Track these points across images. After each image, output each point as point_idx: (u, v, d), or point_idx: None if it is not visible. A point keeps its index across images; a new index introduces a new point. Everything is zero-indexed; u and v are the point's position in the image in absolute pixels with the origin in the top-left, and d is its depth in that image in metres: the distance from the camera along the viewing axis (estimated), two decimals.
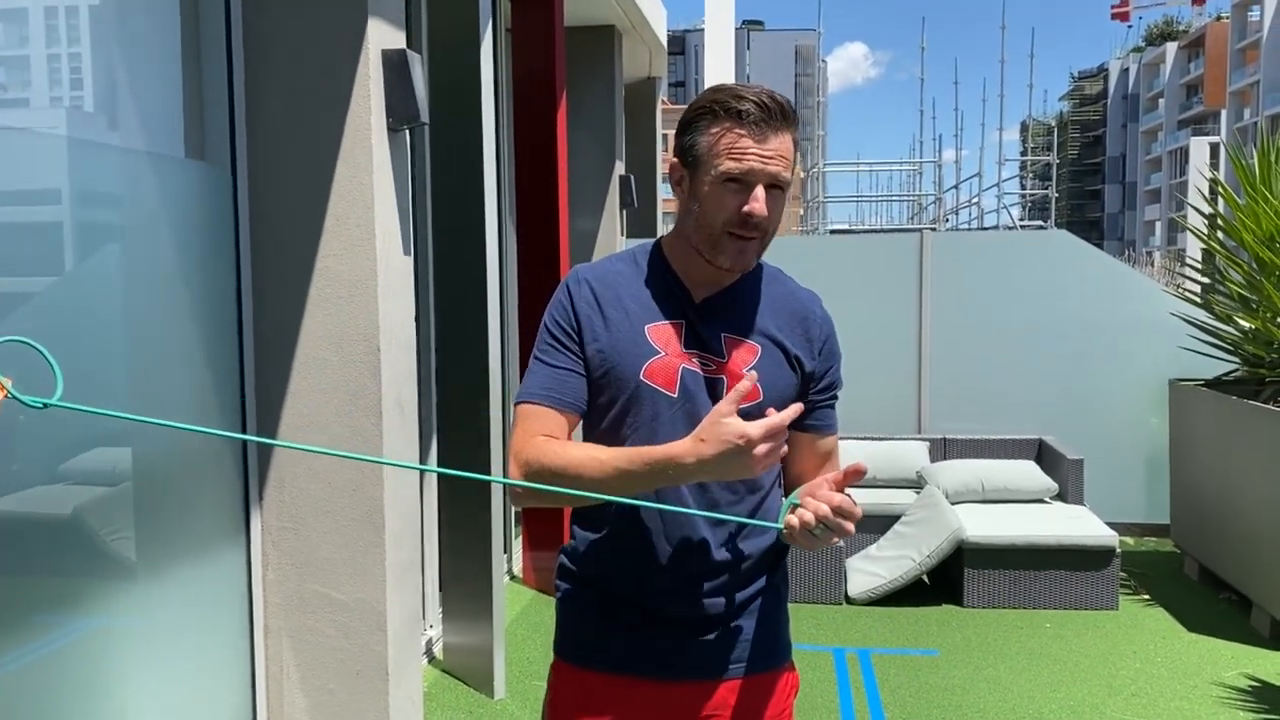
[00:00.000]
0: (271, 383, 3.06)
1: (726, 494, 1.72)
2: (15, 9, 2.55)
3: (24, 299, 2.40)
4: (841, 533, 1.51)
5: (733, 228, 1.65)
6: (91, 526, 2.61)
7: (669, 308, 1.73)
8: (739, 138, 1.61)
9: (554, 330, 1.75)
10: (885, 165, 27.59)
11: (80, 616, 2.54)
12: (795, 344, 1.76)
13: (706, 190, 1.65)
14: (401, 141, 3.15)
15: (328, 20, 2.94)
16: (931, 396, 6.71)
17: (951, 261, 6.66)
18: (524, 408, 1.71)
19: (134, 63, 2.79)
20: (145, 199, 2.76)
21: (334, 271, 3.00)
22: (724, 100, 1.63)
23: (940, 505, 5.45)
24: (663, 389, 1.69)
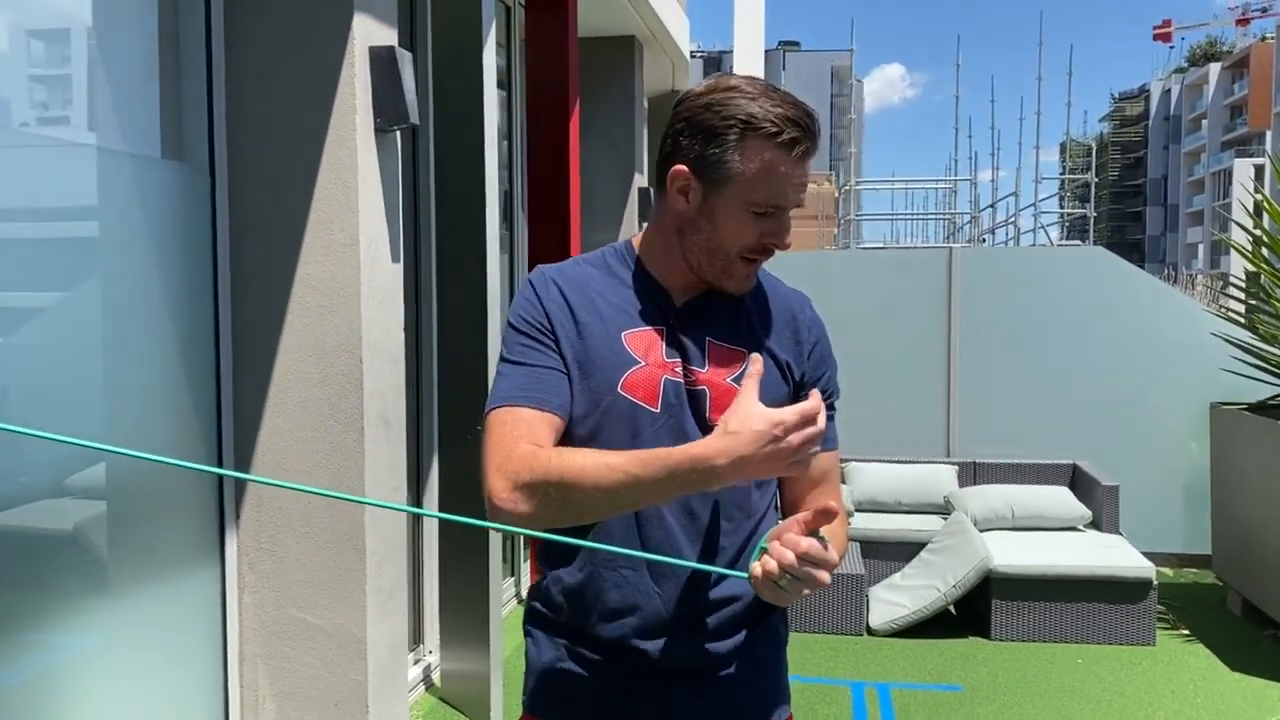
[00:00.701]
0: (249, 395, 2.90)
1: (716, 518, 1.51)
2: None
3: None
4: (813, 584, 1.29)
5: (749, 253, 1.50)
6: (52, 543, 2.46)
7: (648, 312, 1.54)
8: (780, 167, 1.44)
9: (523, 329, 1.54)
10: (919, 182, 27.19)
11: (40, 640, 2.39)
12: (784, 349, 1.59)
13: (729, 214, 1.48)
14: (391, 143, 3.00)
15: (312, 14, 2.80)
16: (961, 418, 6.47)
17: (982, 278, 6.43)
18: (499, 413, 1.47)
19: (109, 57, 2.66)
20: (120, 201, 2.62)
21: (315, 278, 2.85)
22: (762, 121, 1.43)
23: (968, 533, 5.20)
24: (643, 403, 1.49)
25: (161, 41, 2.76)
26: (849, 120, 32.17)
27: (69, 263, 2.53)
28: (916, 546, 5.48)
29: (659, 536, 1.49)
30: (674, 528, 1.50)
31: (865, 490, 6.03)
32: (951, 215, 23.63)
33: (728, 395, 1.50)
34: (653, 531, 1.49)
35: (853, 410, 6.50)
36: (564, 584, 1.56)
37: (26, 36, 2.52)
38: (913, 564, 5.38)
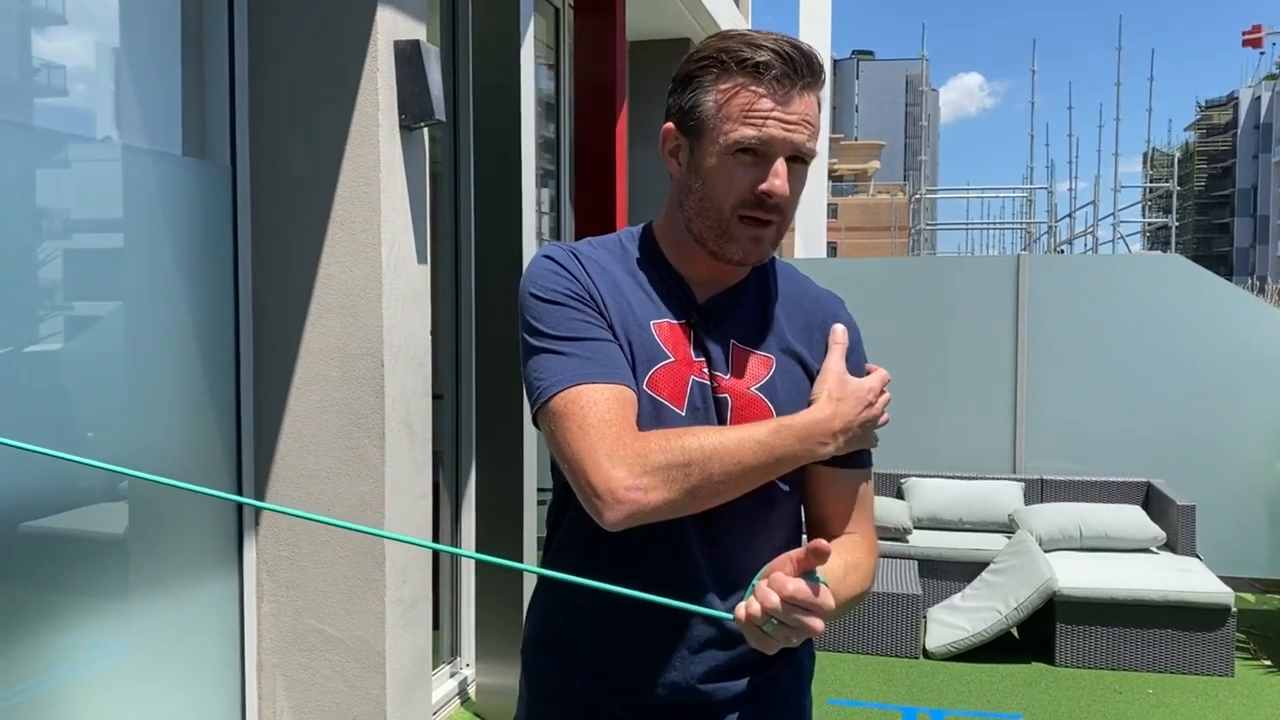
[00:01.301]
0: (270, 398, 2.83)
1: (739, 537, 1.36)
2: (8, 2, 2.40)
3: (11, 300, 2.22)
4: (805, 632, 1.12)
5: (746, 210, 1.30)
6: (71, 549, 2.40)
7: (670, 304, 1.37)
8: (756, 98, 1.27)
9: (561, 300, 1.32)
10: (992, 191, 26.55)
11: (59, 647, 2.33)
12: (814, 354, 1.42)
13: (713, 164, 1.31)
14: (417, 140, 2.92)
15: (334, 7, 2.73)
16: (1028, 433, 6.19)
17: (1052, 287, 6.15)
18: (572, 396, 1.25)
19: (131, 53, 2.62)
20: (140, 198, 2.57)
21: (336, 279, 2.77)
22: (735, 50, 1.28)
23: (1031, 553, 4.96)
24: (669, 403, 1.33)
25: (184, 37, 2.71)
26: (921, 128, 31.59)
27: (89, 260, 2.48)
28: (978, 566, 5.25)
29: (676, 551, 1.34)
30: (692, 542, 1.34)
31: (925, 507, 5.80)
32: (1026, 225, 23.01)
33: (751, 407, 1.36)
34: (669, 545, 1.34)
35: (913, 423, 6.30)
36: (561, 605, 1.43)
37: (47, 34, 2.49)
38: (973, 585, 5.15)
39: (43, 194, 2.36)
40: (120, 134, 2.59)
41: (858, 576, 1.35)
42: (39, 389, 2.31)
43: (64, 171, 2.42)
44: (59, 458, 1.07)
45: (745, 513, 1.36)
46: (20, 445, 0.97)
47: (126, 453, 2.53)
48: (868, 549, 1.42)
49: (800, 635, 1.12)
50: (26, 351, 2.29)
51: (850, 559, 1.36)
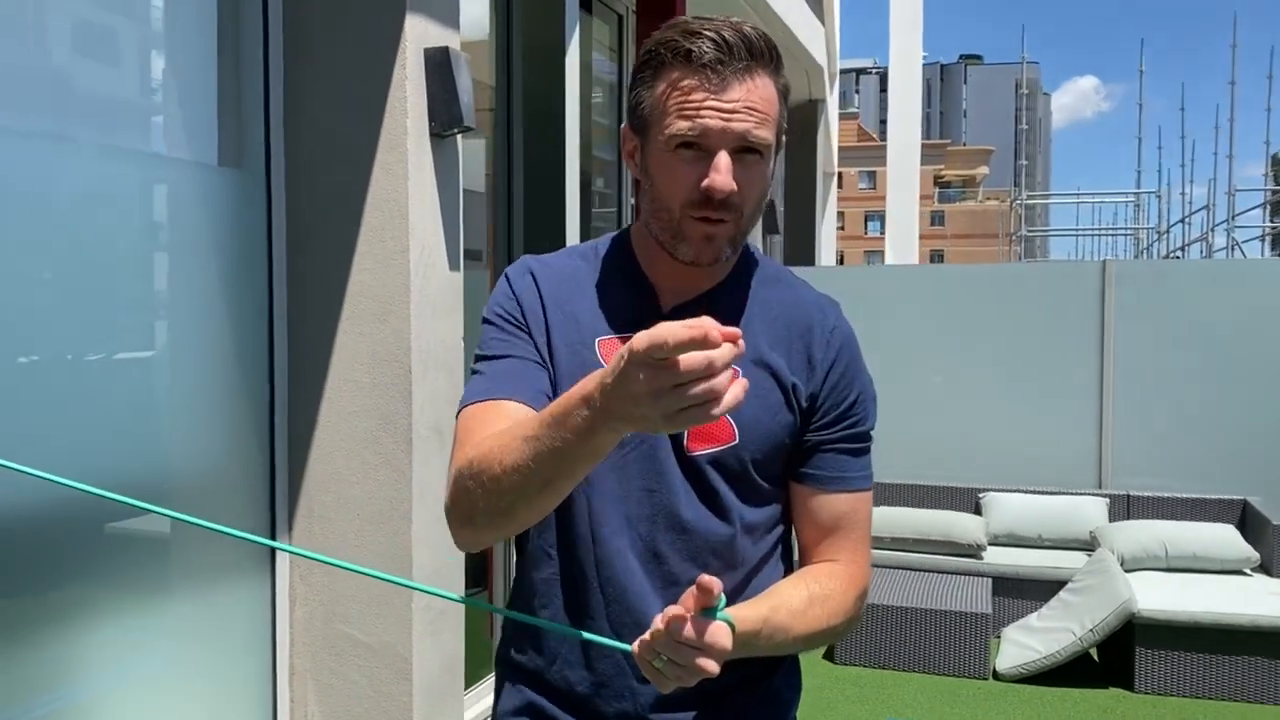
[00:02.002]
0: (303, 403, 2.86)
1: (690, 567, 1.28)
2: (49, 14, 2.47)
3: (50, 308, 2.29)
4: (695, 672, 1.04)
5: (694, 210, 1.23)
6: (103, 553, 2.46)
7: (630, 316, 1.31)
8: (690, 89, 1.20)
9: (497, 321, 1.34)
10: (1098, 196, 25.54)
11: (91, 650, 2.38)
12: (793, 366, 1.32)
13: (656, 161, 1.25)
14: (450, 147, 2.92)
15: (364, 17, 2.75)
16: (1115, 446, 5.92)
17: (1142, 293, 5.87)
18: (467, 414, 1.25)
19: (171, 65, 2.68)
20: (177, 207, 2.63)
21: (367, 286, 2.79)
22: (671, 40, 1.22)
23: (1110, 572, 4.72)
24: None
25: (221, 49, 2.76)
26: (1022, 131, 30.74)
27: (132, 269, 2.53)
28: (1056, 585, 5.03)
29: (620, 580, 1.29)
30: (637, 571, 1.29)
31: (1002, 522, 5.60)
32: (1136, 230, 22.11)
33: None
34: (613, 574, 1.29)
35: (993, 436, 6.09)
36: (531, 627, 1.38)
37: (87, 45, 2.56)
38: (1050, 604, 4.93)
39: (84, 205, 2.42)
40: (160, 146, 2.65)
41: (825, 610, 1.26)
42: (82, 394, 2.37)
43: (105, 182, 2.48)
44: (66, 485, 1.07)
45: (692, 533, 1.29)
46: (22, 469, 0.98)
47: (165, 457, 2.59)
48: (848, 580, 1.31)
49: (693, 675, 1.04)
50: (69, 358, 2.35)
51: (819, 590, 1.27)
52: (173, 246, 2.62)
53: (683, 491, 1.28)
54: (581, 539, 1.30)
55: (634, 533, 1.28)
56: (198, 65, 2.73)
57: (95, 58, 2.57)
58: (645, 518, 1.28)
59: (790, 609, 1.23)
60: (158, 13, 2.65)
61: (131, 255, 2.54)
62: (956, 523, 5.44)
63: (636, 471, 1.28)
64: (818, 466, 1.33)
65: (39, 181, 2.27)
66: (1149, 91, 22.35)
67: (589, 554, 1.30)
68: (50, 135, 2.34)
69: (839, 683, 4.55)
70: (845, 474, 1.33)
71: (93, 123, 2.55)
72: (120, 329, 2.50)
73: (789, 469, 1.35)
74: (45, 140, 2.31)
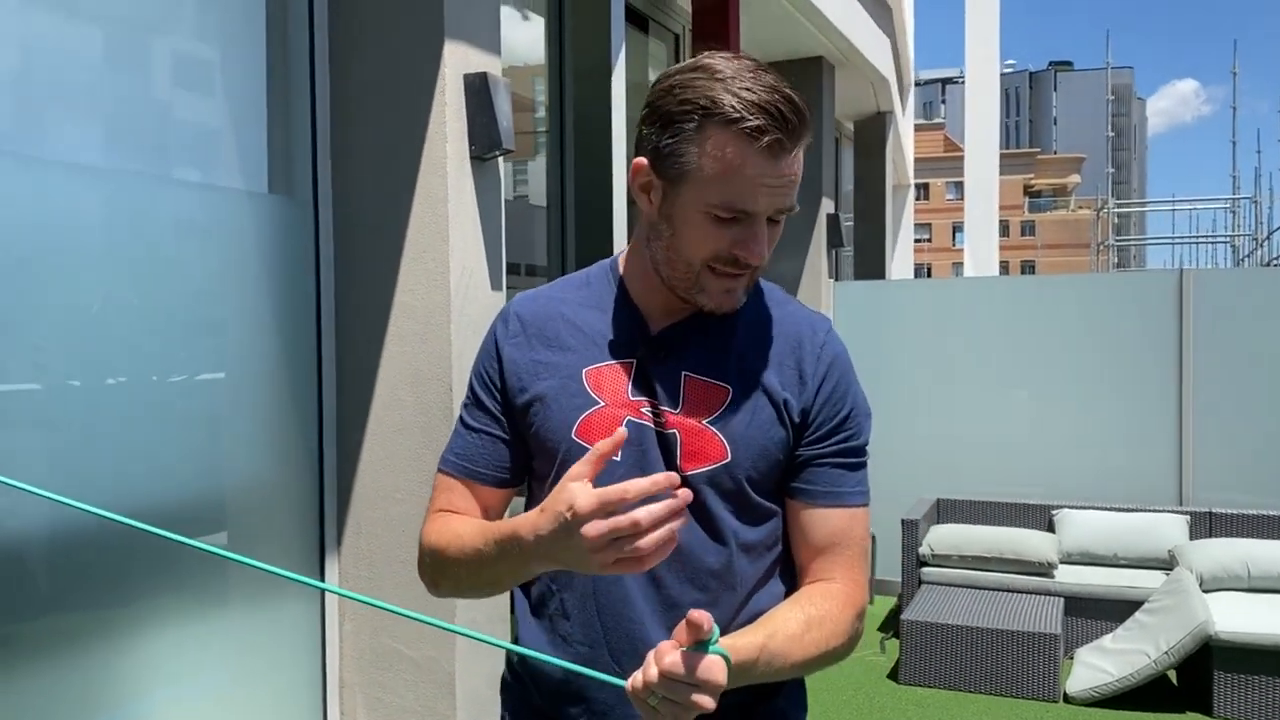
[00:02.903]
0: (350, 422, 2.94)
1: (688, 589, 1.29)
2: (101, 48, 2.60)
3: (109, 333, 2.40)
4: (692, 708, 1.04)
5: (719, 264, 1.26)
6: (158, 568, 2.56)
7: (618, 342, 1.34)
8: (743, 163, 1.19)
9: (474, 384, 1.43)
10: (1189, 203, 24.68)
11: (144, 662, 2.48)
12: (784, 382, 1.32)
13: (689, 217, 1.25)
14: (490, 170, 2.98)
15: (405, 45, 2.83)
16: (1197, 462, 5.71)
17: (1224, 303, 5.66)
18: (438, 477, 1.43)
19: (221, 94, 2.79)
20: (233, 235, 2.72)
21: (410, 307, 2.86)
22: (725, 103, 1.19)
23: (1187, 592, 4.56)
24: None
25: (270, 80, 2.86)
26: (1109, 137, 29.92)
27: (186, 292, 2.63)
28: (1131, 605, 4.88)
29: (617, 606, 1.30)
30: (635, 596, 1.30)
31: (1076, 540, 5.44)
32: (1231, 238, 21.33)
33: (702, 441, 1.29)
34: (610, 600, 1.30)
35: (1067, 452, 5.92)
36: (523, 636, 1.40)
37: (147, 82, 2.67)
38: (1125, 625, 4.78)
39: (142, 233, 2.53)
40: (215, 175, 2.76)
41: (823, 633, 1.25)
42: (138, 414, 2.47)
43: (161, 211, 2.59)
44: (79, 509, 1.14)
45: (688, 556, 1.29)
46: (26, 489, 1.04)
47: (219, 475, 2.68)
48: (844, 599, 1.30)
49: (688, 712, 1.04)
50: (126, 380, 2.46)
51: (815, 612, 1.26)
52: (228, 271, 2.72)
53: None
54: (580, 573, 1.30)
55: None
56: (249, 97, 2.84)
57: (156, 94, 2.68)
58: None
59: (787, 634, 1.22)
60: (210, 47, 2.76)
61: (189, 280, 2.64)
62: (1027, 540, 5.31)
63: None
64: (810, 481, 1.32)
65: (99, 212, 2.38)
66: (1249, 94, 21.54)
67: (586, 584, 1.31)
68: (114, 169, 2.45)
69: (902, 704, 4.47)
70: (839, 488, 1.33)
71: (154, 155, 2.66)
72: (176, 351, 2.60)
73: (783, 485, 1.35)
74: (108, 173, 2.43)
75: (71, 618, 2.31)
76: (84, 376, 2.34)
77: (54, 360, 2.28)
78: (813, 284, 6.23)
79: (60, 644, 2.27)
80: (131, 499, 2.43)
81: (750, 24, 5.37)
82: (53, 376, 2.28)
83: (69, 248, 2.30)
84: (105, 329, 2.38)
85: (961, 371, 6.16)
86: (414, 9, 2.81)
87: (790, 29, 5.79)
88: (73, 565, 2.31)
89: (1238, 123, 22.61)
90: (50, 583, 2.28)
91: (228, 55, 2.80)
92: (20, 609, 2.20)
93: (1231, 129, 22.21)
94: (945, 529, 5.57)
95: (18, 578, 2.21)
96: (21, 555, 2.22)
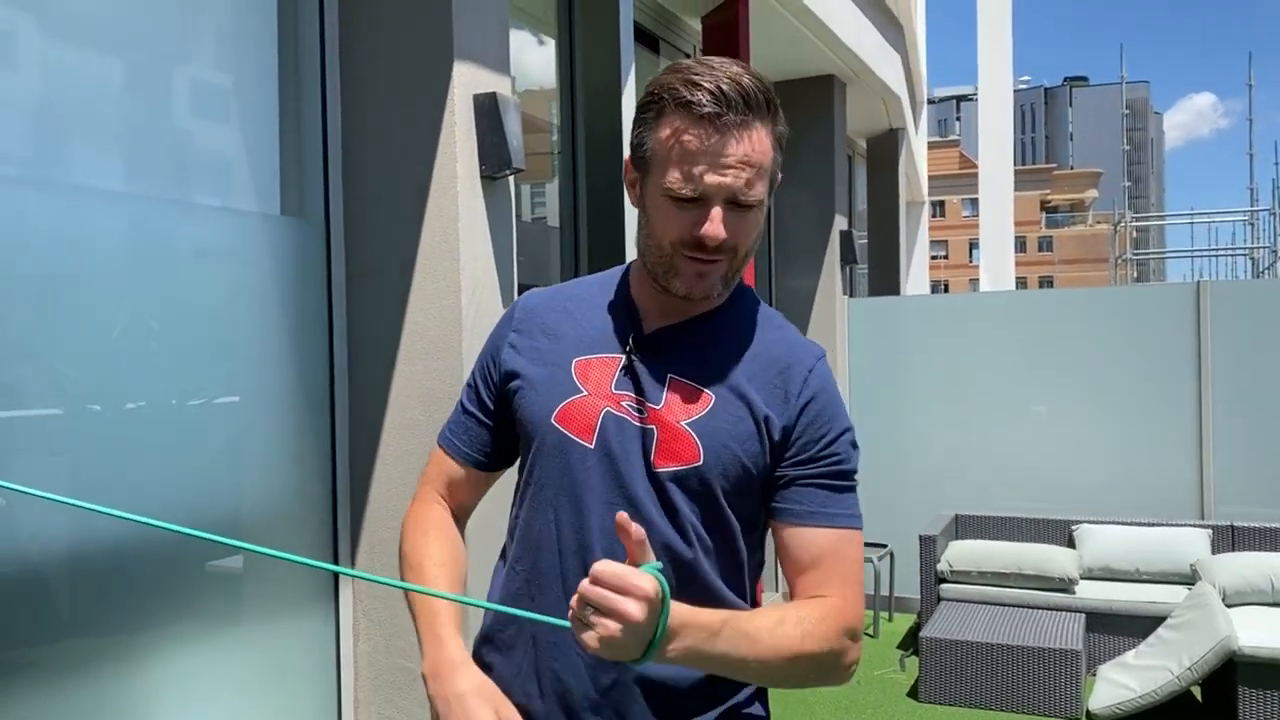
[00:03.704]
0: (363, 443, 2.95)
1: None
2: (118, 75, 2.63)
3: (123, 356, 2.42)
4: (619, 616, 1.04)
5: (686, 250, 1.28)
6: (170, 586, 2.57)
7: (612, 338, 1.39)
8: (690, 142, 1.24)
9: (475, 370, 1.51)
10: (1206, 216, 24.53)
11: (159, 686, 2.48)
12: (766, 399, 1.33)
13: (656, 201, 1.30)
14: (501, 189, 2.99)
15: (414, 65, 2.85)
16: (1218, 475, 5.66)
17: (1242, 315, 5.63)
18: (434, 449, 1.56)
19: (235, 118, 2.82)
20: (247, 257, 2.74)
21: (421, 326, 2.87)
22: (674, 87, 1.26)
23: (1211, 607, 4.50)
24: (576, 436, 1.34)
25: (282, 102, 2.89)
26: (1125, 151, 29.81)
27: (201, 314, 2.65)
28: (1154, 621, 4.83)
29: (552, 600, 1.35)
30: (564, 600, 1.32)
31: (1097, 555, 5.40)
32: (1250, 250, 21.19)
33: (677, 440, 1.31)
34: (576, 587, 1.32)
35: (1086, 466, 5.88)
36: (485, 634, 1.48)
37: (160, 108, 2.70)
38: (1148, 641, 4.72)
39: (158, 256, 2.55)
40: (228, 198, 2.78)
41: (799, 631, 1.23)
42: (155, 436, 2.49)
43: (177, 234, 2.61)
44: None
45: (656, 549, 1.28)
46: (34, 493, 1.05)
47: (232, 497, 2.69)
48: (832, 610, 1.28)
49: (616, 622, 1.04)
50: (143, 403, 2.48)
51: (794, 613, 1.25)
52: (242, 293, 2.74)
53: (646, 505, 1.31)
54: (547, 550, 1.35)
55: (596, 545, 1.31)
56: (261, 121, 2.86)
57: (171, 120, 2.71)
58: (607, 531, 1.30)
59: (759, 623, 1.22)
60: (224, 73, 2.79)
61: (204, 302, 2.66)
62: (1047, 556, 5.27)
63: (601, 484, 1.32)
64: (794, 500, 1.32)
65: (116, 236, 2.40)
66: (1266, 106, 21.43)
67: (554, 565, 1.35)
68: (130, 193, 2.48)
69: None
70: (825, 509, 1.33)
71: (169, 180, 2.69)
72: (191, 373, 2.61)
73: (767, 507, 1.36)
74: (124, 198, 2.45)
75: (86, 640, 2.32)
76: (100, 400, 2.36)
77: (72, 383, 2.30)
78: (827, 300, 6.22)
79: (74, 666, 2.28)
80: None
81: (760, 42, 5.39)
82: (71, 400, 2.30)
83: (87, 271, 2.32)
84: (122, 352, 2.40)
85: (979, 386, 6.13)
86: (424, 31, 2.83)
87: (801, 47, 5.81)
88: (87, 587, 2.32)
89: (1255, 135, 22.50)
90: (64, 605, 2.29)
91: (240, 80, 2.83)
92: (35, 631, 2.21)
93: (1249, 141, 22.10)
94: (964, 545, 5.53)
95: (32, 599, 2.22)
96: (36, 577, 2.23)
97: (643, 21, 4.87)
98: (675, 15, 5.16)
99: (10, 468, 2.16)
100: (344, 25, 2.96)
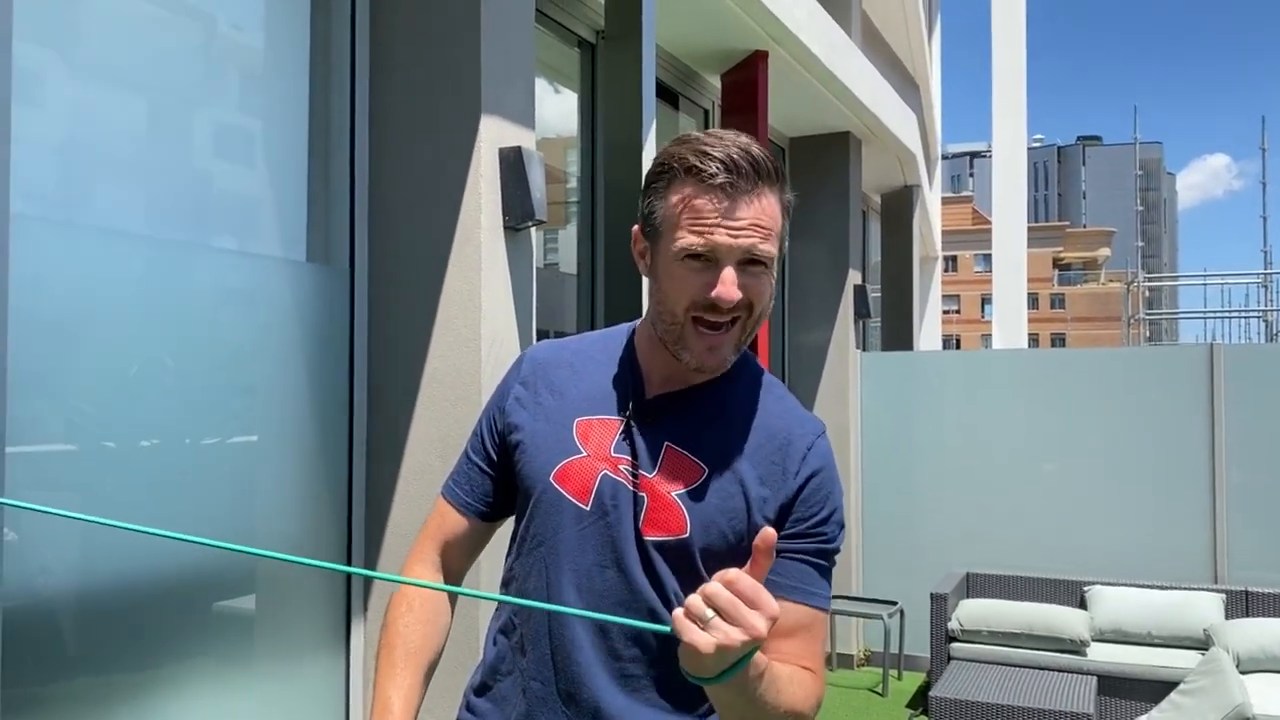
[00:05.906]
0: (380, 490, 2.97)
1: (629, 644, 1.34)
2: (145, 118, 2.70)
3: (144, 396, 2.45)
4: (747, 629, 1.04)
5: (698, 311, 1.30)
6: (183, 630, 2.58)
7: (615, 401, 1.40)
8: (702, 206, 1.27)
9: (481, 419, 1.52)
10: (1219, 277, 24.59)
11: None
12: (761, 476, 1.35)
13: (667, 267, 1.32)
14: (524, 240, 3.04)
15: (442, 119, 2.92)
16: (1231, 539, 5.63)
17: (1256, 378, 5.63)
18: (437, 498, 1.55)
19: (264, 165, 2.88)
20: (272, 303, 2.79)
21: (440, 374, 2.90)
22: (685, 157, 1.29)
23: (1224, 673, 4.45)
24: (573, 497, 1.35)
25: (311, 151, 2.95)
26: (1138, 211, 29.89)
27: (225, 355, 2.69)
28: (1166, 686, 4.77)
29: (568, 649, 1.35)
30: (585, 644, 1.35)
31: (1109, 618, 5.35)
32: (1264, 313, 21.19)
33: (666, 510, 1.33)
34: (562, 643, 1.35)
35: (1099, 527, 5.86)
36: (481, 683, 1.46)
37: (188, 152, 2.77)
38: (1161, 707, 4.66)
39: (183, 299, 2.60)
40: (256, 244, 2.83)
41: (801, 692, 1.27)
42: (176, 477, 2.52)
43: (202, 278, 2.66)
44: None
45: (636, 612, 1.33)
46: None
47: (248, 539, 2.71)
48: (811, 682, 1.31)
49: (739, 634, 1.04)
50: (161, 443, 2.51)
51: (795, 674, 1.28)
52: (265, 337, 2.78)
53: (633, 571, 1.33)
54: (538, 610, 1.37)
55: (583, 606, 1.33)
56: (290, 168, 2.93)
57: (199, 164, 2.77)
58: (596, 592, 1.33)
59: (778, 672, 1.23)
60: (253, 118, 2.86)
61: (228, 345, 2.70)
62: (1059, 616, 5.23)
63: (592, 546, 1.34)
64: (781, 573, 1.32)
65: (141, 279, 2.45)
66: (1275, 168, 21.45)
67: (543, 624, 1.36)
68: (157, 237, 2.53)
69: None
70: (808, 586, 1.34)
71: (196, 224, 2.74)
72: (212, 415, 2.65)
73: None
74: (151, 241, 2.50)
75: (96, 681, 2.33)
76: (120, 439, 2.39)
77: (91, 422, 2.33)
78: (840, 354, 6.24)
79: (84, 708, 2.29)
80: (163, 559, 2.47)
81: (779, 101, 5.47)
82: (90, 438, 2.33)
83: (111, 313, 2.36)
84: (143, 392, 2.44)
85: (991, 443, 6.12)
86: (453, 86, 2.90)
87: (819, 106, 5.89)
88: (97, 629, 2.33)
89: (1268, 198, 22.60)
90: (74, 646, 2.30)
91: (269, 126, 2.89)
92: (46, 671, 2.23)
93: (1262, 204, 22.19)
94: (975, 604, 5.50)
95: (44, 640, 2.24)
96: (48, 618, 2.25)
97: (663, 78, 4.96)
98: (695, 72, 5.25)
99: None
100: (374, 77, 3.03)
